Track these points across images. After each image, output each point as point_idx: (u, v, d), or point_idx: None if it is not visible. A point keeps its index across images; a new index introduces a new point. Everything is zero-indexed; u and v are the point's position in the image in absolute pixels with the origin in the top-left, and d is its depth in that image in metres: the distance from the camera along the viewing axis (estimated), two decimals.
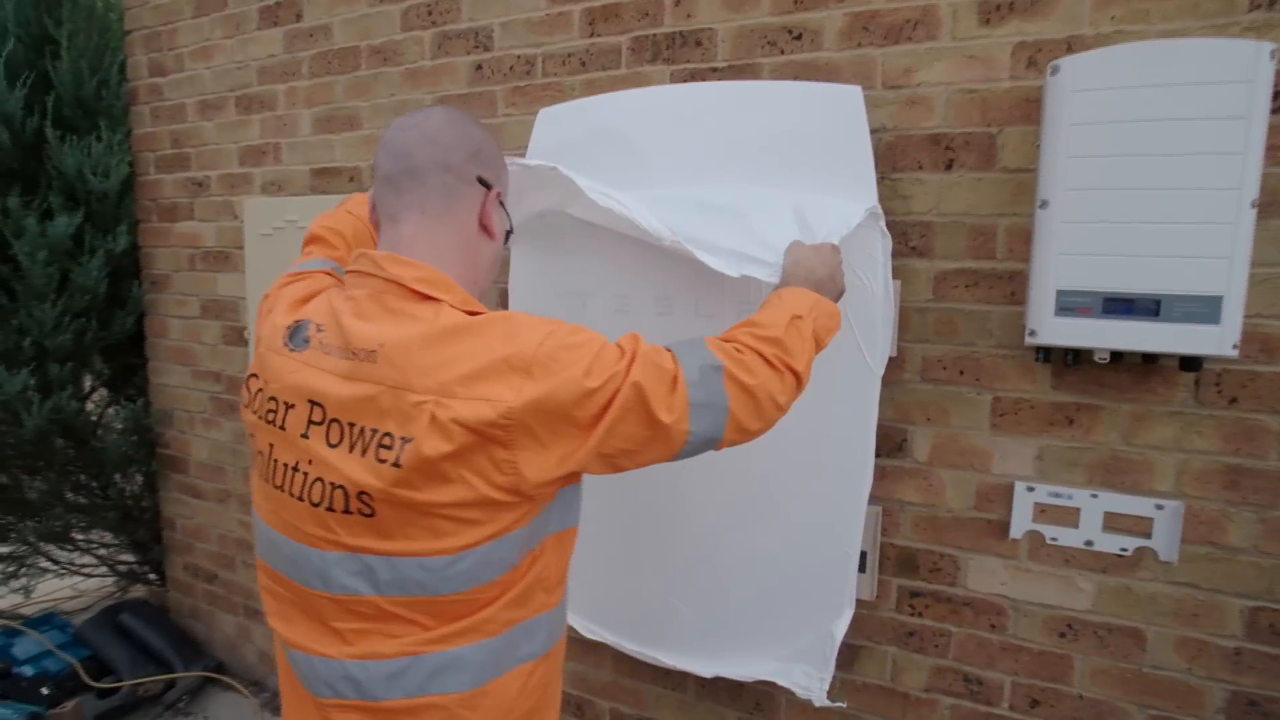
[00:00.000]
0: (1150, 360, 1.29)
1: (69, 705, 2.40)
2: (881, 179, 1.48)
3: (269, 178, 2.30)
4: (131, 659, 2.56)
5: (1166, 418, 1.33)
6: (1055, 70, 1.20)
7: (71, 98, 2.47)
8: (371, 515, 0.81)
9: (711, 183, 1.48)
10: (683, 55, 1.66)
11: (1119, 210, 1.18)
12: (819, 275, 1.14)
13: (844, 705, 1.59)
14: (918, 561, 1.56)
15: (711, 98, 1.51)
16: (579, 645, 1.96)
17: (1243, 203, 1.11)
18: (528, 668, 0.93)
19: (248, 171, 2.35)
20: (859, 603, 1.60)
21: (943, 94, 1.43)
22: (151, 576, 3.04)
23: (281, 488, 0.87)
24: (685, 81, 1.65)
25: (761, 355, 0.95)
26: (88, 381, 2.78)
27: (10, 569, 2.78)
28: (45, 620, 2.79)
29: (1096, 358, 1.28)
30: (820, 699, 1.48)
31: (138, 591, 3.10)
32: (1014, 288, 1.41)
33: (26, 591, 2.84)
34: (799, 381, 1.00)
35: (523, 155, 1.74)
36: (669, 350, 0.91)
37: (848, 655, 1.64)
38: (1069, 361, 1.32)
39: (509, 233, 1.04)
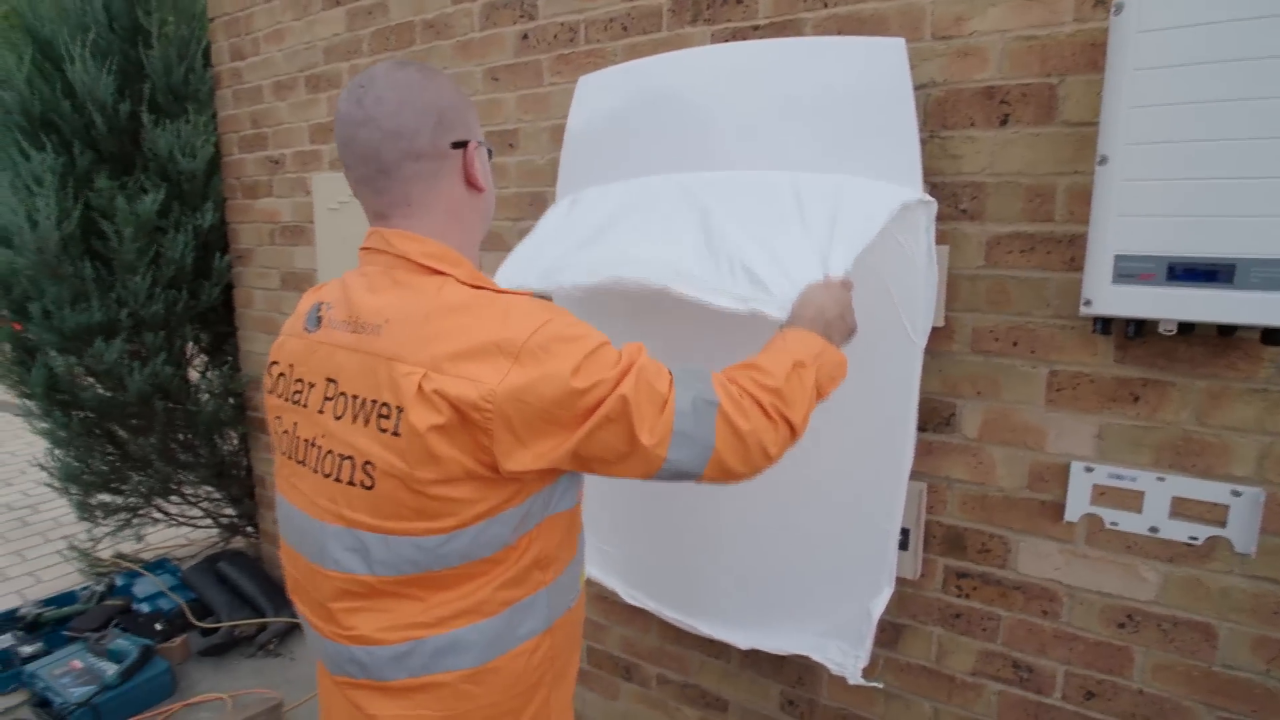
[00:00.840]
0: (1227, 332, 1.16)
1: (177, 641, 2.66)
2: (930, 138, 1.39)
3: (336, 154, 2.39)
4: (229, 603, 2.80)
5: (1247, 396, 1.21)
6: (1119, 8, 1.08)
7: (163, 84, 2.64)
8: (371, 488, 0.83)
9: (762, 149, 1.42)
10: (723, 14, 1.60)
11: (1188, 165, 1.05)
12: (829, 315, 1.06)
13: (879, 685, 1.56)
14: (965, 541, 1.49)
15: (747, 58, 1.45)
16: (626, 610, 1.99)
17: None
18: (530, 644, 0.93)
19: (317, 149, 2.46)
20: (903, 581, 1.55)
21: (998, 43, 1.32)
22: (249, 529, 3.30)
23: (303, 462, 0.91)
24: (727, 41, 1.59)
25: (759, 403, 0.92)
26: (189, 349, 3.01)
27: (126, 518, 3.07)
28: (160, 565, 3.09)
29: (1162, 329, 1.16)
30: (855, 677, 1.44)
31: (238, 543, 3.37)
32: (1074, 253, 1.30)
33: (138, 538, 3.14)
34: (793, 433, 0.95)
35: (562, 128, 1.74)
36: (669, 373, 0.89)
37: (891, 634, 1.59)
38: (1129, 333, 1.21)
39: (491, 151, 1.00)
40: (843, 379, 1.05)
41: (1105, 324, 1.21)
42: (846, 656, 1.47)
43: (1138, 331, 1.20)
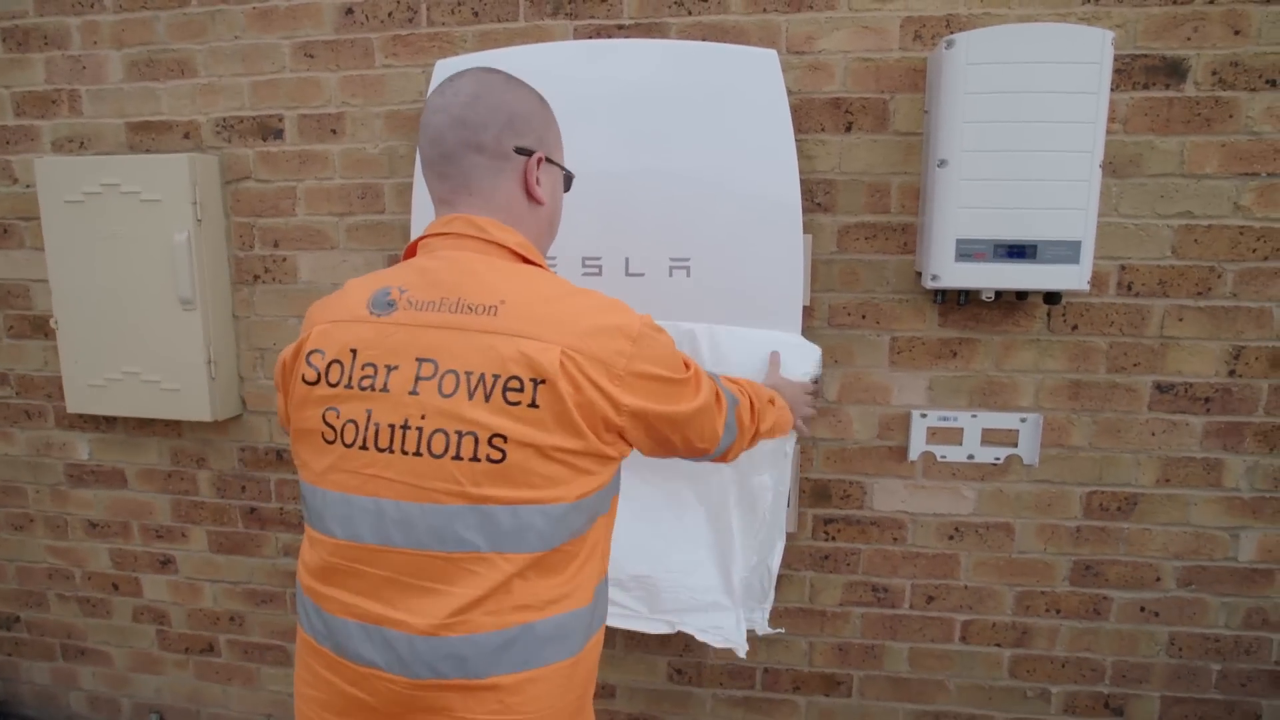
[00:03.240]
0: (1021, 297, 1.53)
1: None
2: None
3: (65, 132, 1.90)
4: None
5: (1027, 344, 1.60)
6: (950, 44, 1.36)
7: None
8: (501, 460, 0.82)
9: (642, 146, 1.49)
10: (587, 10, 1.63)
11: (1005, 169, 1.37)
12: (789, 393, 1.37)
13: (783, 631, 1.74)
14: (830, 491, 1.73)
15: (631, 54, 1.51)
16: None
17: (1094, 163, 1.35)
18: (600, 634, 0.97)
19: (30, 124, 1.92)
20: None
21: (842, 61, 1.55)
22: None
23: (389, 449, 0.85)
24: (590, 38, 1.63)
25: (752, 408, 1.15)
26: None
27: None
28: None
29: (984, 296, 1.49)
30: (763, 628, 1.60)
31: None
32: (906, 239, 1.59)
33: None
34: (754, 439, 1.18)
35: (412, 111, 1.61)
36: (710, 377, 1.04)
37: None
38: (961, 302, 1.52)
39: (570, 178, 1.06)
40: (780, 436, 1.33)
41: (943, 294, 1.52)
42: (754, 612, 1.61)
43: (964, 299, 1.51)
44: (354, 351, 0.87)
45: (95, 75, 1.86)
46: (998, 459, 1.65)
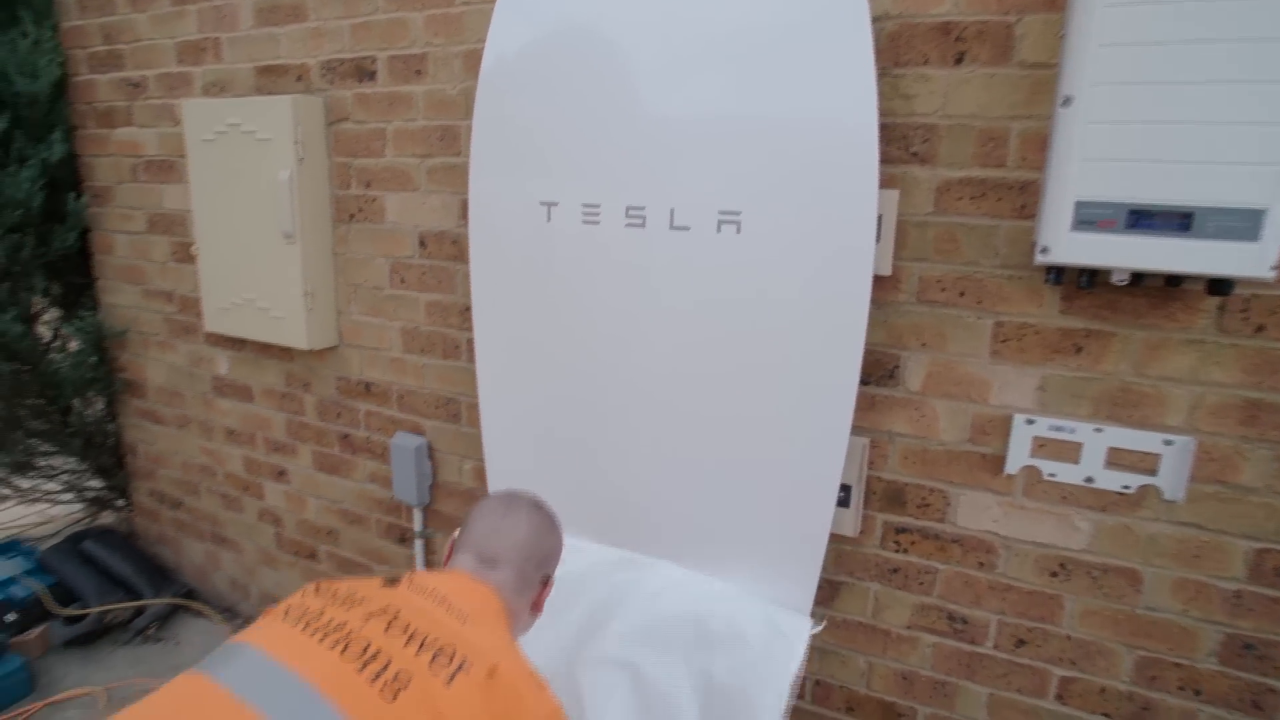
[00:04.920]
0: (1174, 283, 1.16)
1: (34, 632, 2.36)
2: (882, 74, 1.31)
3: (210, 77, 2.09)
4: (98, 586, 2.50)
5: (1184, 346, 1.21)
6: None
7: None
8: (394, 699, 0.86)
9: (697, 84, 1.31)
10: None
11: (1153, 108, 1.02)
12: None
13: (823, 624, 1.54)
14: (905, 496, 1.47)
15: None
16: None
17: None
18: None
19: (187, 70, 2.14)
20: (842, 539, 1.52)
21: None
22: (119, 503, 2.96)
23: (312, 633, 0.92)
24: None
25: None
26: (36, 302, 2.62)
27: None
28: (10, 547, 2.72)
29: (1115, 279, 1.14)
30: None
31: (107, 518, 3.03)
32: (1025, 200, 1.26)
33: None
34: None
35: (478, 55, 1.55)
36: None
37: (828, 591, 1.57)
38: (1083, 283, 1.18)
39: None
40: None
41: (1059, 273, 1.19)
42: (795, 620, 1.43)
43: (1089, 281, 1.17)
44: (351, 591, 0.99)
45: (231, 23, 2.01)
46: (1127, 487, 1.29)
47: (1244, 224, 1.01)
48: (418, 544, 2.05)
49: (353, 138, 1.90)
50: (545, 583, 1.19)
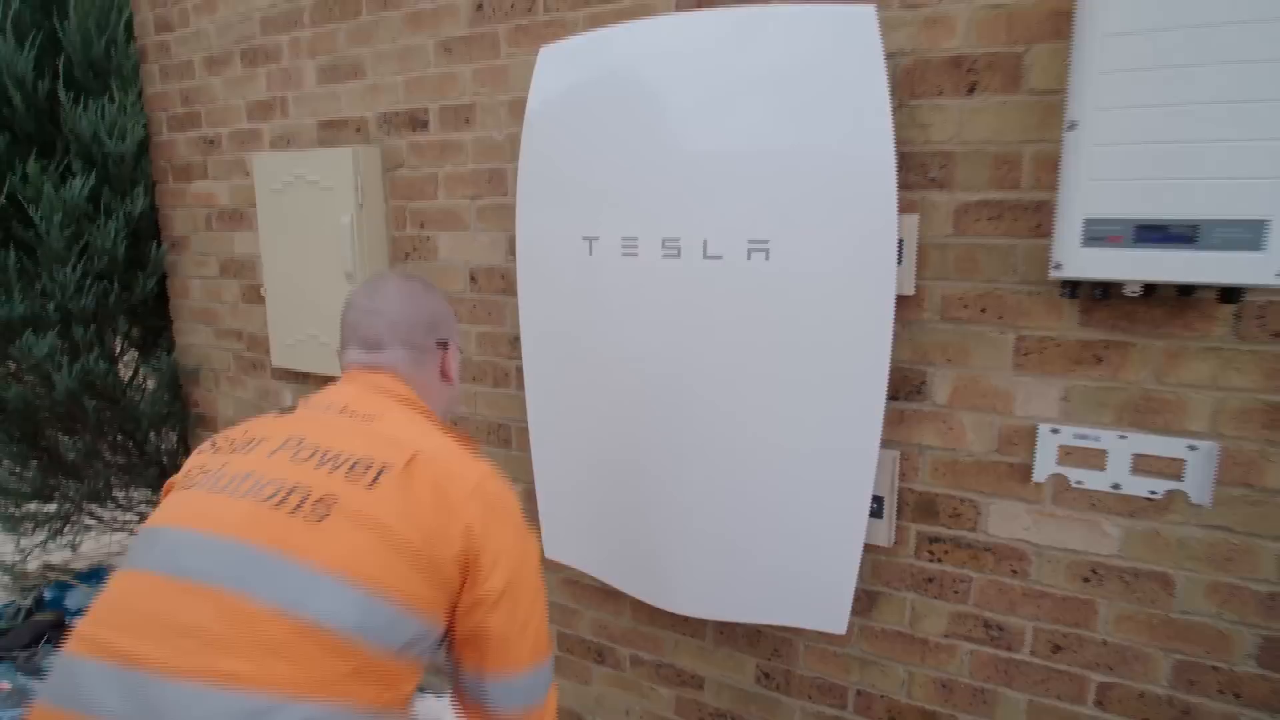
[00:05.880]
0: (1186, 292, 1.21)
1: None
2: (899, 106, 1.40)
3: (277, 132, 2.28)
4: None
5: (1203, 354, 1.26)
6: None
7: (81, 59, 2.46)
8: (322, 520, 0.86)
9: (725, 123, 1.42)
10: None
11: (1155, 129, 1.09)
12: None
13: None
14: (937, 506, 1.52)
15: (713, 29, 1.43)
16: (599, 593, 1.97)
17: None
18: None
19: (256, 127, 2.33)
20: (877, 549, 1.57)
21: (965, 11, 1.33)
22: None
23: (220, 490, 0.89)
24: (692, 8, 1.57)
25: None
26: (118, 344, 2.83)
27: (57, 526, 2.89)
28: (94, 574, 2.91)
29: (1127, 291, 1.20)
30: (841, 626, 1.47)
31: None
32: (1040, 219, 1.33)
33: (73, 547, 2.95)
34: None
35: (522, 103, 1.69)
36: None
37: (865, 602, 1.62)
38: (1098, 296, 1.24)
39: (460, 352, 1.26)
40: None
41: (1074, 287, 1.25)
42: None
43: (1104, 294, 1.23)
44: (246, 432, 0.99)
45: (298, 83, 2.20)
46: (1154, 493, 1.33)
47: (1248, 234, 1.07)
48: None
49: (407, 183, 2.05)
50: (445, 347, 1.16)
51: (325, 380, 2.34)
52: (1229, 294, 1.15)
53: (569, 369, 1.71)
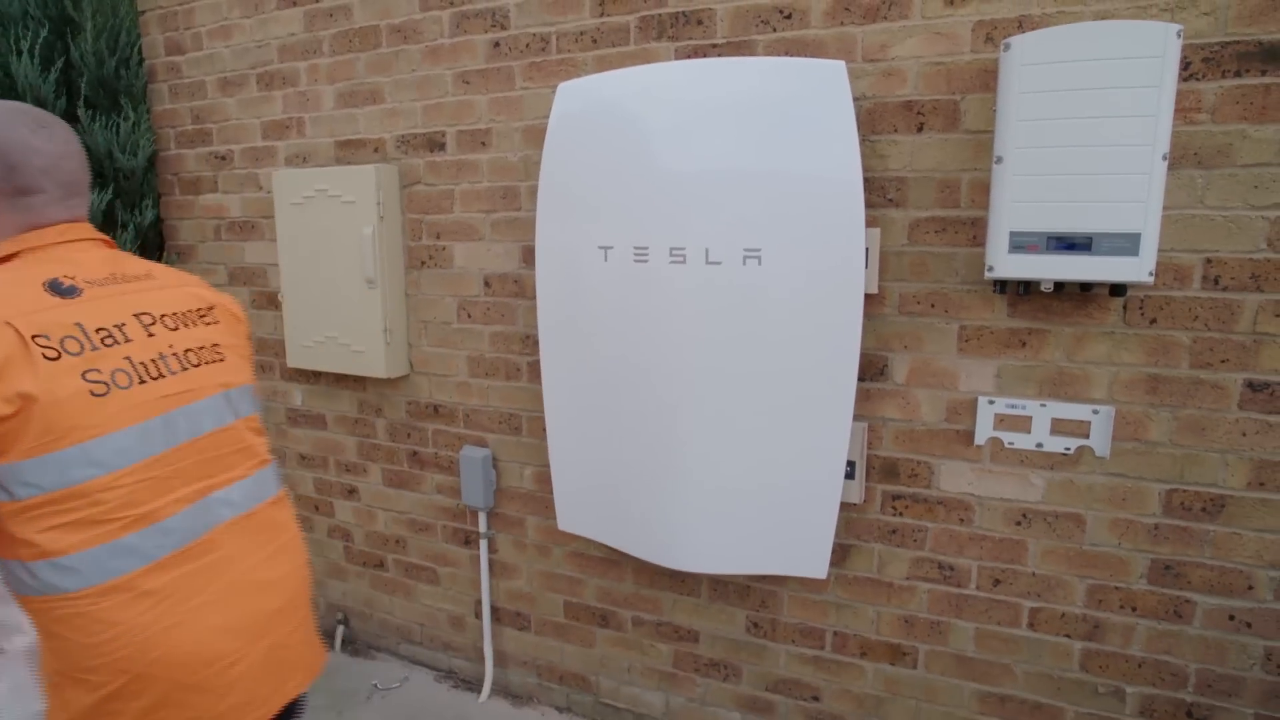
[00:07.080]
0: (1086, 289, 1.56)
1: None
2: (863, 140, 1.72)
3: (293, 150, 2.46)
4: None
5: (1100, 337, 1.61)
6: (1007, 47, 1.44)
7: (94, 78, 2.58)
8: (223, 360, 1.20)
9: (725, 149, 1.71)
10: (685, 33, 1.86)
11: (1059, 164, 1.43)
12: None
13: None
14: (899, 469, 1.84)
15: (709, 72, 1.73)
16: (603, 563, 2.22)
17: (1155, 156, 1.37)
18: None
19: (271, 145, 2.51)
20: (850, 507, 1.88)
21: (914, 66, 1.66)
22: None
23: (161, 376, 1.09)
24: (688, 57, 1.86)
25: None
26: None
27: None
28: None
29: (1043, 288, 1.54)
30: (822, 571, 1.77)
31: None
32: (976, 232, 1.67)
33: None
34: None
35: (543, 126, 1.95)
36: None
37: (840, 553, 1.92)
38: (1021, 292, 1.58)
39: None
40: None
41: (1003, 285, 1.59)
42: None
43: (1026, 290, 1.57)
44: (77, 324, 1.02)
45: (315, 105, 2.39)
46: (1068, 449, 1.67)
47: (1128, 244, 1.41)
48: (483, 543, 2.37)
49: (424, 198, 2.28)
50: None
51: (337, 378, 2.52)
52: (1117, 290, 1.51)
53: (584, 359, 1.96)
